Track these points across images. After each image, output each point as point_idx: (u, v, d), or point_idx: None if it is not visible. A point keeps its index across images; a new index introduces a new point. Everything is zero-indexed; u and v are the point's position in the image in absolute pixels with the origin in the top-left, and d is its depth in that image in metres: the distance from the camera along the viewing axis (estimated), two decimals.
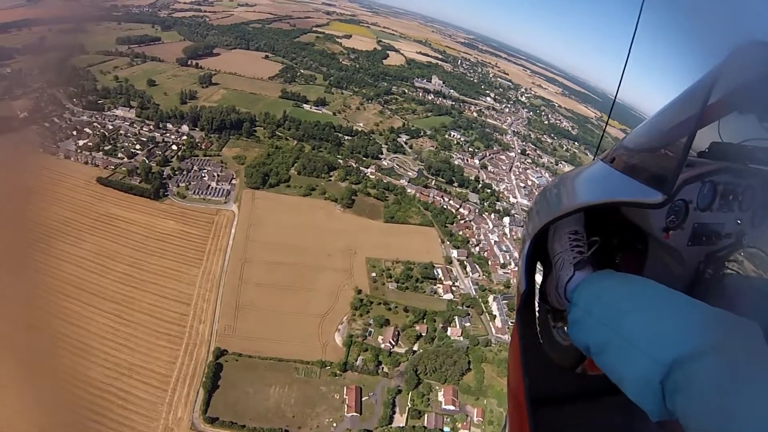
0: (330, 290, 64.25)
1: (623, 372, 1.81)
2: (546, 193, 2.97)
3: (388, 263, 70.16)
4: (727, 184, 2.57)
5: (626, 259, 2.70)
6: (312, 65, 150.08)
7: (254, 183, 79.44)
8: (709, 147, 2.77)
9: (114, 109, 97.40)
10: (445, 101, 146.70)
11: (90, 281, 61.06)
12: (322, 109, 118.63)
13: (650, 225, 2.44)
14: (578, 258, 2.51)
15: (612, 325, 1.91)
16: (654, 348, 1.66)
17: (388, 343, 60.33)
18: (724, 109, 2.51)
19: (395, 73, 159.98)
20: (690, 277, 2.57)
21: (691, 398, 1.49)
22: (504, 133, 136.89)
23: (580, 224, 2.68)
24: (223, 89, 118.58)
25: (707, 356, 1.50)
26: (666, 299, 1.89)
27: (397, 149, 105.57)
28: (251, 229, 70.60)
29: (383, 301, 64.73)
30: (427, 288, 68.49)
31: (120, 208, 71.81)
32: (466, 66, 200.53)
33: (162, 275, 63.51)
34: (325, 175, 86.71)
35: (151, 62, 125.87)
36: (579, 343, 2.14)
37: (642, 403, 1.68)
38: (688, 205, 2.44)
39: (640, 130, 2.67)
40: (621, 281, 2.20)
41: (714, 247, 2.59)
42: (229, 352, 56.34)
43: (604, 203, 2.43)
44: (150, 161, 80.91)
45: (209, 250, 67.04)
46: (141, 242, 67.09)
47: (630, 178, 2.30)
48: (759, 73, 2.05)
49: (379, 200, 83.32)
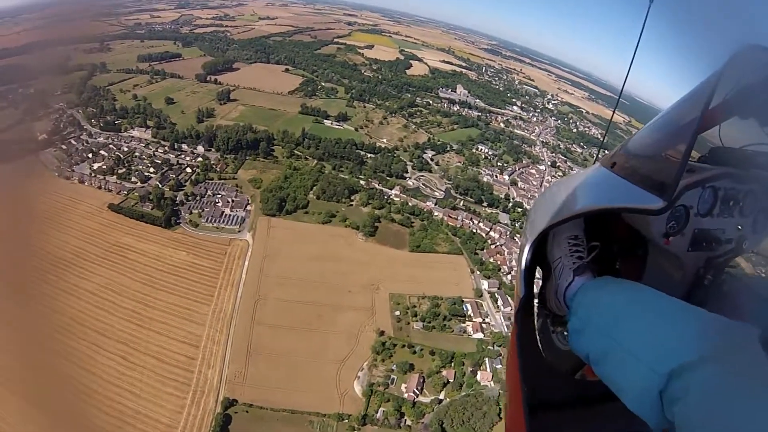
0: (350, 332, 58.42)
1: (622, 382, 1.81)
2: (545, 197, 2.86)
3: (414, 299, 63.81)
4: (728, 189, 2.52)
5: (626, 265, 2.70)
6: (333, 77, 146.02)
7: (270, 209, 74.52)
8: (710, 152, 2.72)
9: (131, 130, 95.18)
10: (471, 112, 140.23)
11: (97, 318, 57.71)
12: (344, 125, 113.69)
13: (651, 231, 2.39)
14: (578, 263, 2.47)
15: (611, 334, 1.90)
16: (652, 358, 1.66)
17: (412, 393, 54.06)
18: (724, 114, 2.48)
19: (419, 83, 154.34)
20: (690, 283, 2.52)
21: (689, 408, 1.49)
22: (533, 144, 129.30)
23: (579, 229, 2.64)
24: (242, 105, 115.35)
25: (705, 366, 1.50)
26: (664, 308, 1.87)
27: (422, 166, 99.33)
28: (266, 261, 65.60)
29: (407, 344, 58.52)
30: (455, 327, 61.91)
31: (131, 237, 68.37)
32: (491, 73, 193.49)
33: (171, 313, 59.30)
34: (345, 199, 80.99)
35: (170, 79, 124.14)
36: (579, 351, 2.11)
37: (641, 413, 1.69)
38: (689, 211, 2.41)
39: (641, 135, 2.61)
40: (619, 289, 2.16)
41: (714, 252, 2.53)
42: (239, 402, 51.29)
43: (605, 209, 2.37)
44: (163, 185, 77.44)
45: (221, 284, 62.45)
46: (150, 275, 63.26)
47: (630, 184, 2.25)
48: (759, 78, 2.09)
49: (404, 226, 77.09)
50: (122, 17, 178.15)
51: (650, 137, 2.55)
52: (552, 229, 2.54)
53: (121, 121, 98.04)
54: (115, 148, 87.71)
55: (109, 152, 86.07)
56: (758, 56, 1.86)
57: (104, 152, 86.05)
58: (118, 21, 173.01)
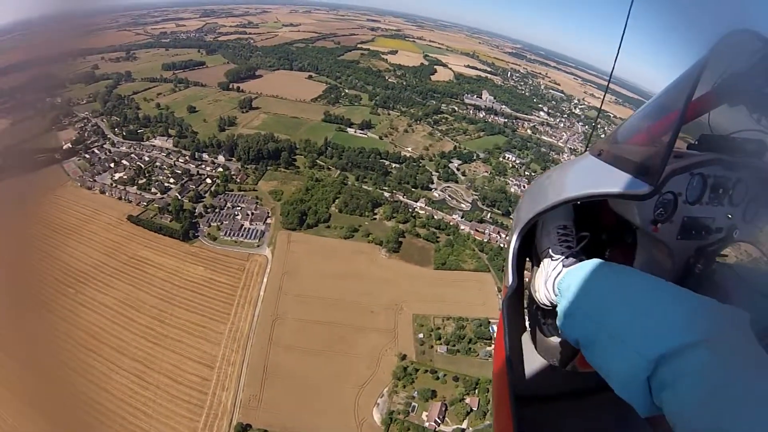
0: (371, 355, 55.19)
1: (610, 367, 1.79)
2: (534, 186, 2.89)
3: (438, 320, 60.12)
4: (717, 176, 2.49)
5: (615, 254, 2.67)
6: (357, 84, 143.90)
7: (291, 223, 71.89)
8: (699, 139, 2.70)
9: (153, 139, 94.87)
10: (497, 118, 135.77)
11: (113, 334, 56.57)
12: (368, 133, 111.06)
13: (639, 218, 2.36)
14: (567, 253, 2.47)
15: (599, 319, 1.88)
16: (640, 343, 1.63)
17: (434, 422, 50.58)
18: (714, 101, 2.48)
19: (444, 89, 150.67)
20: (680, 272, 2.50)
21: (678, 394, 1.47)
22: (561, 152, 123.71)
23: (569, 219, 2.65)
24: (264, 113, 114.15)
25: (694, 351, 1.48)
26: (653, 291, 1.85)
27: (448, 177, 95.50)
28: (285, 278, 63.08)
29: (430, 369, 54.99)
30: (480, 350, 57.85)
31: (149, 250, 67.13)
32: (516, 78, 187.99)
33: (186, 331, 57.47)
34: (369, 213, 77.55)
35: (193, 87, 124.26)
36: (568, 336, 2.09)
37: (629, 399, 1.67)
38: (677, 198, 2.39)
39: (629, 123, 2.63)
40: (609, 272, 2.12)
41: (704, 241, 2.52)
42: (253, 426, 48.75)
43: (591, 195, 2.33)
44: (182, 197, 76.17)
45: (238, 302, 60.28)
46: (167, 291, 61.72)
47: (617, 170, 2.25)
48: (748, 64, 2.10)
49: (429, 242, 73.19)
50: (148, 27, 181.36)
51: (637, 124, 2.53)
52: (540, 216, 2.50)
53: (143, 130, 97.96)
54: (136, 158, 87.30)
55: (131, 162, 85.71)
56: (746, 42, 1.88)
57: (126, 162, 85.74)
58: (144, 30, 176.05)
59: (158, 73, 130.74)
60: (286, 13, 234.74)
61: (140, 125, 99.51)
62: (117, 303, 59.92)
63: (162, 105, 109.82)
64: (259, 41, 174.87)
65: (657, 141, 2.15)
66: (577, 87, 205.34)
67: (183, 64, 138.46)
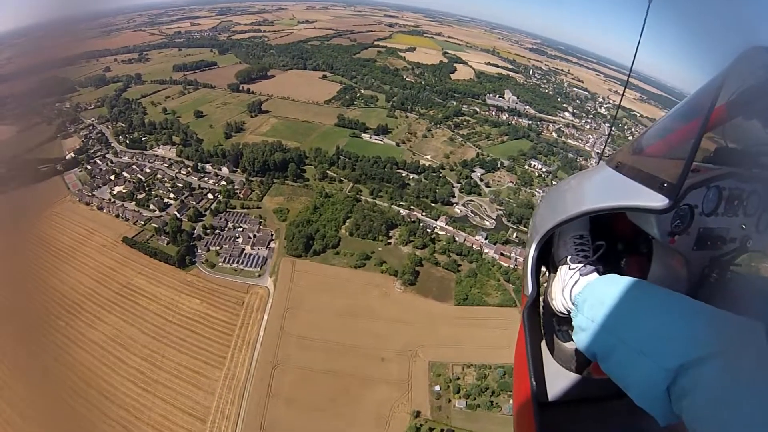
0: (380, 412, 46.70)
1: (629, 378, 1.79)
2: (551, 196, 2.93)
3: (458, 368, 51.38)
4: (732, 189, 2.52)
5: (631, 263, 2.67)
6: (373, 84, 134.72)
7: (295, 249, 63.32)
8: (714, 152, 2.66)
9: (156, 148, 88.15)
10: (521, 120, 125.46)
11: (101, 376, 50.28)
12: (384, 139, 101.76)
13: (656, 230, 2.35)
14: (583, 262, 2.47)
15: (617, 331, 1.88)
16: (659, 354, 1.65)
17: None
18: (729, 114, 2.43)
19: (464, 88, 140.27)
20: (695, 281, 2.49)
21: (697, 403, 1.50)
22: (588, 157, 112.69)
23: (585, 228, 2.66)
24: (273, 118, 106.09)
25: (713, 361, 1.50)
26: (670, 304, 1.85)
27: (471, 189, 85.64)
28: (287, 315, 55.05)
29: (447, 428, 46.70)
30: (504, 405, 49.02)
31: (143, 278, 60.22)
32: (539, 76, 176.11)
33: (178, 376, 50.36)
34: (382, 237, 67.83)
35: (203, 89, 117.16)
36: (585, 349, 2.09)
37: (649, 409, 1.69)
38: (694, 210, 2.40)
39: (646, 135, 2.60)
40: (625, 286, 2.07)
41: (719, 251, 2.52)
42: None
43: (610, 208, 2.35)
44: (182, 215, 68.84)
45: (235, 343, 52.75)
46: (160, 327, 54.73)
47: (636, 183, 2.23)
48: (764, 79, 2.09)
49: (449, 271, 63.65)
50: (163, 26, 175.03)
51: (655, 137, 2.50)
52: (557, 228, 2.53)
53: (147, 137, 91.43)
54: (138, 169, 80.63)
55: (132, 174, 79.11)
56: (763, 58, 1.87)
57: (126, 173, 79.27)
58: (159, 30, 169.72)
59: (169, 74, 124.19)
60: (303, 9, 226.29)
61: (145, 132, 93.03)
62: (107, 340, 53.70)
63: (169, 109, 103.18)
64: (274, 39, 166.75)
65: (675, 155, 2.11)
66: (600, 84, 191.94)
67: (194, 64, 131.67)
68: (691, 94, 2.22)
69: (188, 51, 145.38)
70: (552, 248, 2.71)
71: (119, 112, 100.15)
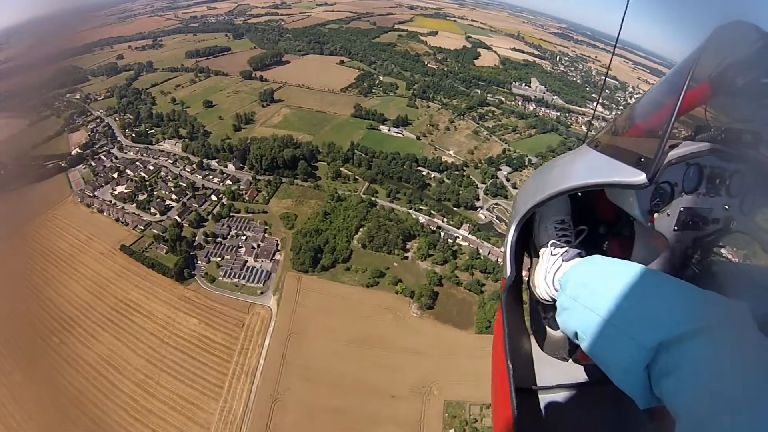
0: None
1: (608, 357, 1.72)
2: (532, 178, 2.83)
3: (476, 408, 43.52)
4: (714, 167, 2.45)
5: (613, 246, 2.64)
6: (393, 70, 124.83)
7: (302, 263, 55.81)
8: (695, 130, 2.61)
9: (162, 142, 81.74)
10: (549, 111, 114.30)
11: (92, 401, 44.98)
12: (403, 132, 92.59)
13: (636, 209, 2.29)
14: (565, 247, 2.41)
15: (598, 309, 1.79)
16: (638, 332, 1.58)
17: None
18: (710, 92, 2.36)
19: (489, 76, 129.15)
20: (677, 263, 2.42)
21: (678, 382, 1.41)
22: None
23: (566, 213, 2.59)
24: (286, 107, 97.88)
25: (695, 339, 1.42)
26: (652, 282, 1.79)
27: (496, 191, 76.35)
28: (290, 341, 48.06)
29: None
30: None
31: (139, 292, 54.26)
32: (566, 63, 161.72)
33: (172, 407, 44.42)
34: (398, 250, 59.43)
35: (214, 77, 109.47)
36: (567, 329, 2.03)
37: (628, 390, 1.62)
38: (674, 188, 2.35)
39: (625, 114, 2.57)
40: (608, 265, 2.03)
41: (701, 232, 2.46)
42: None
43: (589, 185, 2.26)
44: (183, 219, 62.43)
45: (233, 371, 46.32)
46: (155, 349, 48.83)
47: (614, 161, 2.18)
48: (744, 55, 2.05)
49: (471, 292, 55.22)
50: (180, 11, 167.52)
51: (634, 115, 2.48)
52: (537, 208, 2.46)
53: (154, 130, 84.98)
54: (141, 166, 74.35)
55: (135, 171, 72.91)
56: (743, 33, 1.83)
57: (130, 171, 73.12)
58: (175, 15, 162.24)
59: (181, 61, 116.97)
60: None
61: (152, 124, 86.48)
62: (100, 361, 48.37)
63: (178, 99, 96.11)
64: (290, 23, 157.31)
65: (653, 132, 2.08)
66: (629, 72, 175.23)
67: (207, 50, 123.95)
68: (669, 71, 2.15)
69: (203, 36, 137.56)
70: (533, 233, 2.60)
71: (128, 102, 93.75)
